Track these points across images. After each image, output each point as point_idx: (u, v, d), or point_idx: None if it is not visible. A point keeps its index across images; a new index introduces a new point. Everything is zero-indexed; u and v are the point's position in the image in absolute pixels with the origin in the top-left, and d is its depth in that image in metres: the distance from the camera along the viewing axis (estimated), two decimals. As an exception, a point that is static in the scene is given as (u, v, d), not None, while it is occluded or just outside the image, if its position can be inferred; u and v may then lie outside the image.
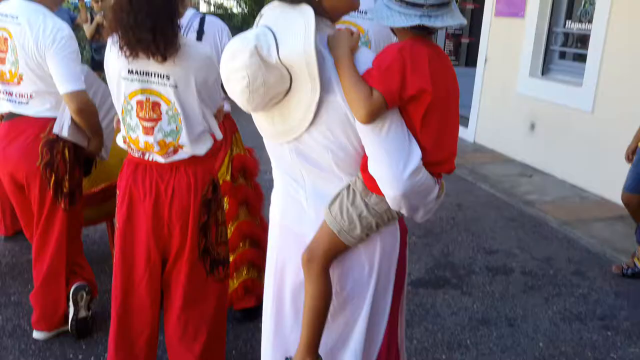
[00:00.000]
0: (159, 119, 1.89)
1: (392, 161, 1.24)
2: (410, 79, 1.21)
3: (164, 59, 1.79)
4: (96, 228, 3.64)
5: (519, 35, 5.68)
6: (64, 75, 2.27)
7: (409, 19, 1.23)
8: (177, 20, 1.82)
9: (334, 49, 1.27)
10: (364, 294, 1.42)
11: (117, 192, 2.04)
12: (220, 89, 2.03)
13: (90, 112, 2.38)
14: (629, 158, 3.34)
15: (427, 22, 1.23)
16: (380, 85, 1.20)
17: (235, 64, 1.24)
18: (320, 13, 1.29)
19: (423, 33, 1.28)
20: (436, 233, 4.00)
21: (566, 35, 5.45)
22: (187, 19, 2.51)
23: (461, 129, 6.60)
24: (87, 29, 6.69)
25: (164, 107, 1.88)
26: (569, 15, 5.40)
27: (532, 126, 5.54)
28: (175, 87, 1.85)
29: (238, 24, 9.61)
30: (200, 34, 2.48)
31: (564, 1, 5.40)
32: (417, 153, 1.26)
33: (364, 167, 1.31)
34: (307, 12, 1.25)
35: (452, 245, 3.82)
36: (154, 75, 1.84)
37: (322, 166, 1.37)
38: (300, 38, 1.24)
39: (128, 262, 2.04)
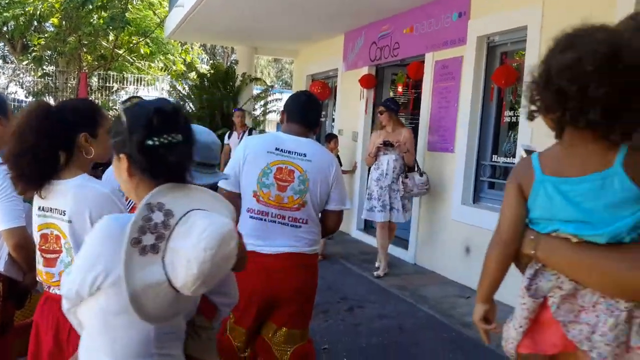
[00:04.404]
0: (60, 251, 2.01)
1: None
2: None
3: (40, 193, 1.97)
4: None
5: (451, 168, 6.20)
6: (5, 213, 2.34)
7: None
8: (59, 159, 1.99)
9: None
10: None
11: None
12: None
13: (29, 248, 2.39)
14: None
15: None
16: None
17: (232, 246, 1.35)
18: None
19: None
20: (378, 356, 4.09)
21: (494, 167, 5.96)
22: None
23: (401, 251, 6.90)
24: None
25: (62, 240, 2.00)
26: (495, 151, 5.96)
27: (467, 250, 5.88)
28: (70, 222, 1.97)
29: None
30: None
31: (490, 139, 5.97)
32: None
33: None
34: None
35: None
36: (55, 211, 1.99)
37: None
38: None
39: None
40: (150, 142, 1.41)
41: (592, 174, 1.26)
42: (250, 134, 8.01)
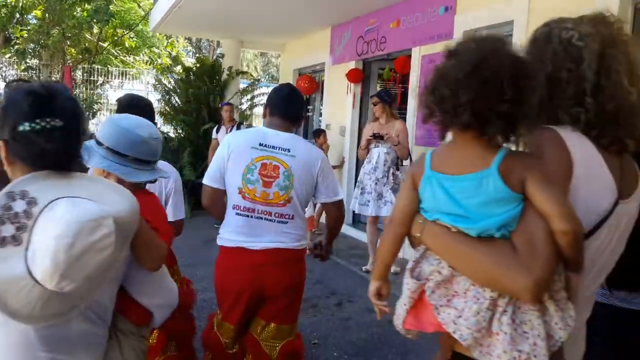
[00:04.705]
0: None
1: None
2: None
3: None
4: None
5: (439, 161, 6.21)
6: None
7: None
8: None
9: None
10: None
11: None
12: None
13: None
14: None
15: None
16: None
17: (97, 235, 1.26)
18: None
19: None
20: (368, 350, 4.12)
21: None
22: None
23: (390, 245, 6.92)
24: None
25: None
26: (481, 144, 5.99)
27: (455, 244, 5.91)
28: None
29: (175, 146, 9.75)
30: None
31: (476, 132, 6.01)
32: None
33: None
34: None
35: (381, 364, 3.91)
36: None
37: None
38: None
39: None
40: (21, 128, 1.31)
41: (470, 173, 1.36)
42: (238, 128, 7.98)
